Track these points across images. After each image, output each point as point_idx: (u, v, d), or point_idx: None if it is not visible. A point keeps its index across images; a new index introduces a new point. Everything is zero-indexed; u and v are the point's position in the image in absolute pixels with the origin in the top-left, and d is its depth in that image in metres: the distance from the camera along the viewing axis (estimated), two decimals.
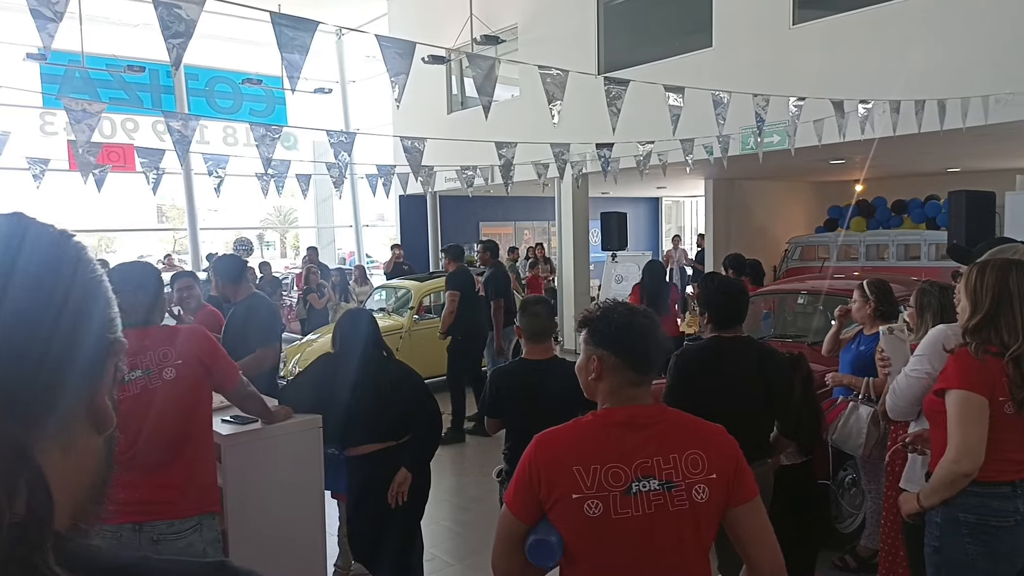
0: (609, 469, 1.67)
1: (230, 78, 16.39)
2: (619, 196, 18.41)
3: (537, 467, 1.71)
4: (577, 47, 11.42)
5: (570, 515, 1.67)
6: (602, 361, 1.78)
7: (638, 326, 1.80)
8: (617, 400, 1.78)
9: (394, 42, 2.93)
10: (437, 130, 11.51)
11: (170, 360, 2.53)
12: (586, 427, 1.76)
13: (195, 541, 2.49)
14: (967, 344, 2.34)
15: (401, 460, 3.38)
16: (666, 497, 1.68)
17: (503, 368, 3.42)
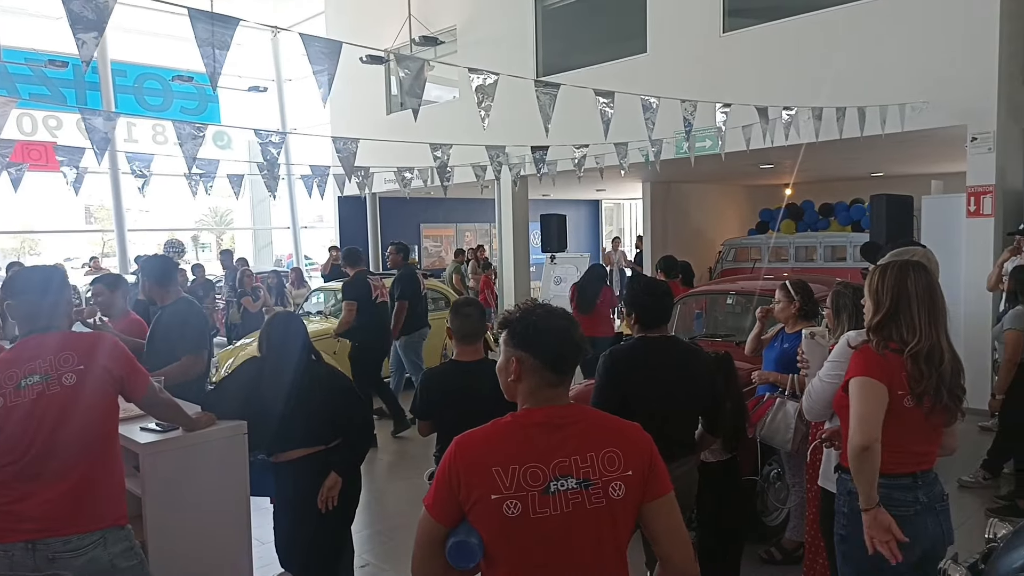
0: (527, 469, 1.68)
1: (160, 75, 15.87)
2: (559, 198, 18.58)
3: (457, 469, 1.71)
4: (515, 50, 11.47)
5: (489, 516, 1.68)
6: (521, 362, 1.79)
7: (556, 328, 1.80)
8: (535, 401, 1.79)
9: (320, 41, 2.89)
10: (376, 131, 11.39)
11: (71, 365, 2.41)
12: (505, 428, 1.77)
13: (99, 556, 2.37)
14: (869, 341, 2.46)
15: (331, 465, 3.33)
16: (583, 495, 1.70)
17: (433, 370, 3.40)
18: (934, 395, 2.35)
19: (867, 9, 7.95)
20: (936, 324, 2.41)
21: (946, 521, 2.49)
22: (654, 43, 9.90)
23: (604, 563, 1.77)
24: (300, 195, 18.27)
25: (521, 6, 11.56)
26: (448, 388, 3.24)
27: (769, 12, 8.81)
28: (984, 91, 7.14)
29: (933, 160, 11.20)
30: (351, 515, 3.55)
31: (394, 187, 8.79)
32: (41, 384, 2.36)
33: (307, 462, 3.30)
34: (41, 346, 2.42)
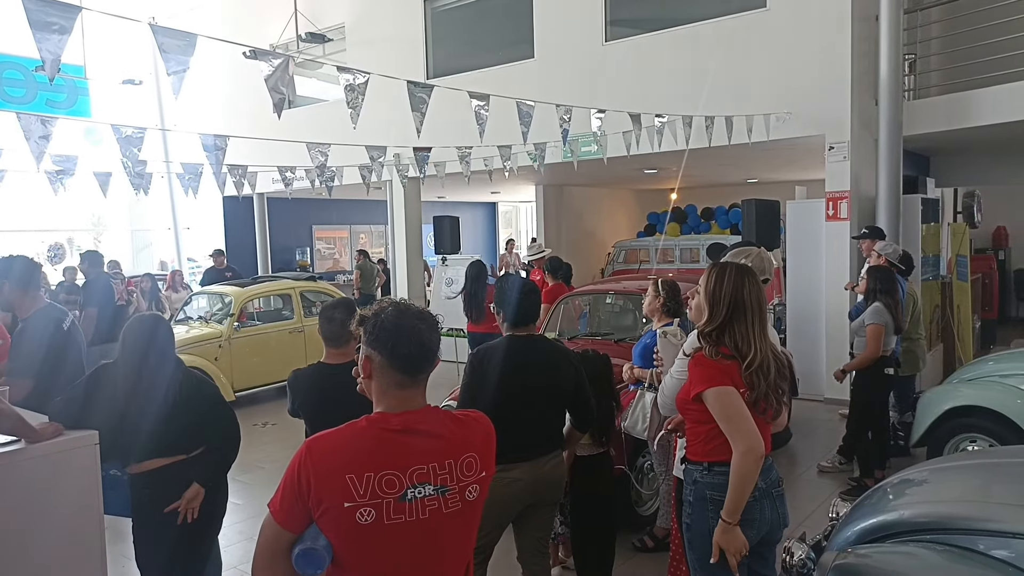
0: (383, 477, 1.66)
1: (22, 64, 14.73)
2: (455, 200, 18.60)
3: (307, 475, 1.66)
4: (406, 51, 11.41)
5: (341, 523, 1.64)
6: (371, 360, 1.77)
7: (406, 327, 1.76)
8: (388, 401, 1.76)
9: (173, 33, 2.78)
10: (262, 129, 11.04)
11: None
12: (361, 433, 1.73)
13: None
14: (703, 347, 2.54)
15: (192, 474, 3.20)
16: (440, 501, 1.71)
17: (299, 372, 3.34)
18: (764, 400, 2.49)
19: (734, 24, 8.42)
20: (764, 334, 2.53)
21: (782, 505, 2.65)
22: (541, 49, 10.10)
23: (453, 563, 1.80)
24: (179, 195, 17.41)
25: (410, 7, 11.50)
26: (311, 388, 3.20)
27: (647, 23, 9.17)
28: (839, 104, 7.71)
29: (800, 167, 11.98)
30: (217, 527, 3.43)
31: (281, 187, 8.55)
32: None
33: (166, 472, 3.16)
34: None
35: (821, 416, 7.57)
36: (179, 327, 8.71)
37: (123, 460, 3.21)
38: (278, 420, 7.90)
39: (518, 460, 3.01)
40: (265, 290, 9.52)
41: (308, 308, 9.50)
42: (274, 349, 8.99)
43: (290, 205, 14.92)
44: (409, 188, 11.76)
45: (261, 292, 9.44)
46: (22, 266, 4.08)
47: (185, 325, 8.95)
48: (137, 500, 3.23)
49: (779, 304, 8.79)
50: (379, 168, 5.53)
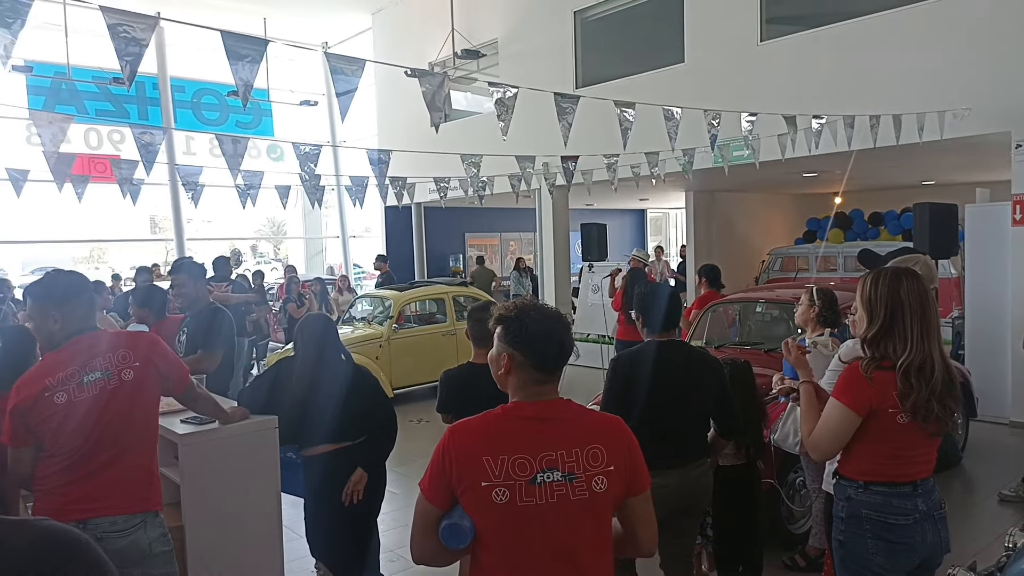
0: (516, 460, 1.79)
1: (216, 90, 16.54)
2: (603, 208, 18.61)
3: (450, 456, 1.83)
4: (555, 61, 11.63)
5: (479, 502, 1.79)
6: (511, 359, 1.91)
7: (547, 330, 1.91)
8: (525, 395, 1.91)
9: (344, 59, 3.08)
10: (421, 142, 11.68)
11: (129, 362, 2.63)
12: (496, 419, 1.89)
13: (140, 538, 2.56)
14: (862, 358, 2.44)
15: (356, 460, 3.50)
16: (568, 488, 1.80)
17: (450, 371, 3.55)
18: (924, 408, 2.33)
19: (904, 17, 7.84)
20: (929, 336, 2.38)
21: (944, 529, 2.49)
22: (691, 53, 9.93)
23: (586, 550, 1.87)
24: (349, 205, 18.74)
25: (560, 18, 11.71)
26: (461, 387, 3.38)
27: (806, 20, 8.75)
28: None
29: (983, 168, 10.90)
30: (376, 509, 3.72)
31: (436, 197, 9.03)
32: (103, 380, 2.58)
33: (334, 457, 3.48)
34: (95, 345, 2.63)
35: (1005, 440, 6.86)
36: (345, 327, 9.41)
37: (298, 444, 3.57)
38: (431, 418, 8.29)
39: (663, 466, 3.03)
40: (421, 294, 10.06)
41: (460, 312, 9.92)
42: (428, 350, 9.47)
43: (444, 214, 15.61)
44: (557, 196, 11.96)
45: (417, 296, 9.99)
46: (200, 268, 4.72)
47: (350, 326, 9.65)
48: (309, 481, 3.59)
49: (958, 317, 8.05)
50: (528, 177, 5.71)
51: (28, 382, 2.54)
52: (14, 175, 6.49)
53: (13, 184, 6.52)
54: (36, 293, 2.69)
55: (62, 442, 2.51)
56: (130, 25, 2.75)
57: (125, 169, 5.46)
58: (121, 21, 2.67)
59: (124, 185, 5.53)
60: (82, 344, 2.63)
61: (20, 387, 2.53)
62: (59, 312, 2.62)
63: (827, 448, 2.46)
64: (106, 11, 2.61)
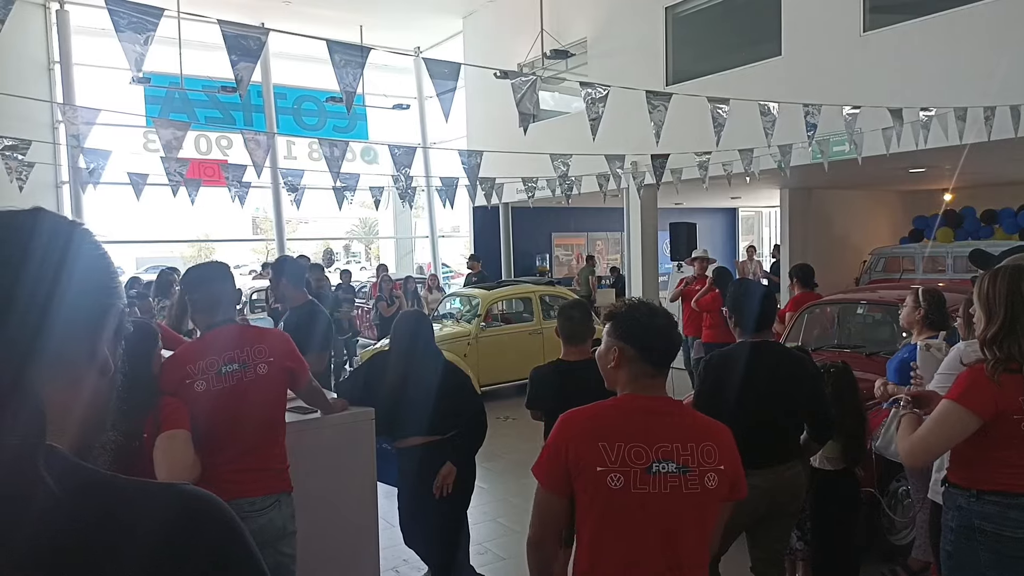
0: (632, 448, 1.84)
1: (316, 96, 17.24)
2: (692, 207, 18.23)
3: (564, 441, 1.89)
4: (645, 59, 11.49)
5: (594, 486, 1.85)
6: (623, 352, 1.97)
7: (658, 326, 1.99)
8: (635, 388, 1.97)
9: (441, 64, 3.18)
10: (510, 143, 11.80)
11: (263, 357, 2.82)
12: (610, 409, 1.96)
13: (275, 517, 2.75)
14: (985, 360, 2.31)
15: (447, 454, 3.60)
16: (681, 480, 1.85)
17: (540, 368, 3.59)
18: None
19: None
20: None
21: None
22: (789, 45, 9.60)
23: (691, 552, 1.90)
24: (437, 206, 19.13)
25: (651, 14, 11.56)
26: (550, 383, 3.42)
27: (914, 8, 8.30)
28: None
29: None
30: (466, 502, 3.81)
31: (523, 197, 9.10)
32: (240, 372, 2.77)
33: (425, 450, 3.59)
34: (232, 337, 2.82)
35: None
36: (434, 325, 9.62)
37: (391, 436, 3.70)
38: (518, 415, 8.40)
39: (751, 466, 2.97)
40: (508, 293, 10.17)
41: (547, 311, 9.96)
42: (515, 348, 9.56)
43: (531, 214, 15.69)
44: (645, 195, 11.81)
45: (505, 295, 10.10)
46: (298, 266, 4.90)
47: (439, 323, 9.87)
48: (402, 472, 3.72)
49: None
50: (618, 176, 5.69)
51: (170, 369, 2.75)
52: (135, 179, 7.01)
53: (134, 187, 7.05)
54: (184, 282, 2.90)
55: (205, 428, 2.67)
56: (244, 37, 2.93)
57: (234, 172, 5.80)
58: (236, 32, 2.85)
59: (233, 188, 5.87)
60: (220, 335, 2.81)
61: (163, 374, 2.73)
62: (200, 301, 2.81)
63: (933, 451, 2.36)
64: (223, 24, 2.79)
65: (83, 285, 0.78)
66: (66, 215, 0.84)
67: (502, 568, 4.61)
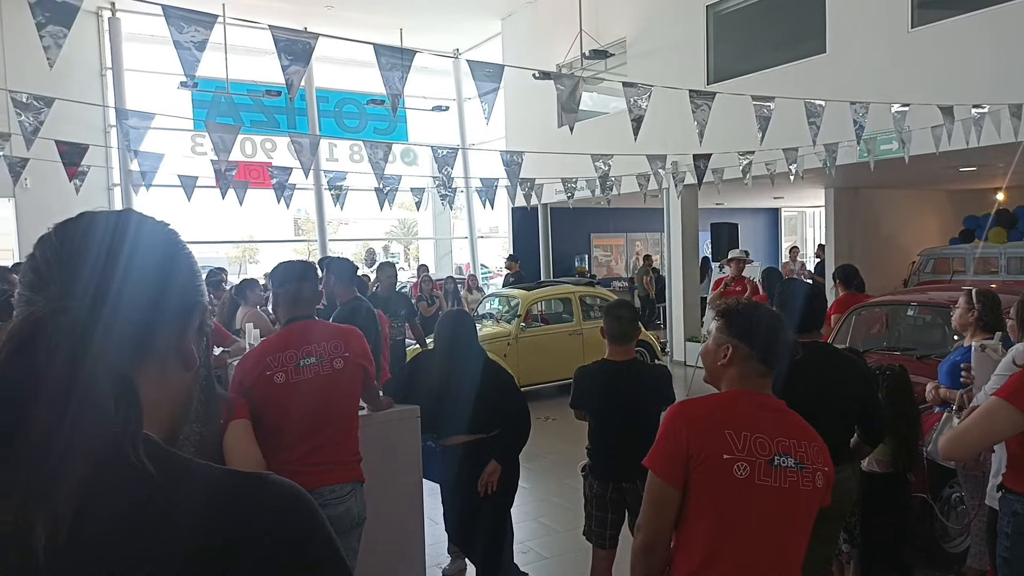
0: (757, 438, 1.84)
1: (357, 99, 17.48)
2: (734, 207, 18.00)
3: (684, 430, 1.86)
4: (686, 57, 11.40)
5: (718, 474, 1.82)
6: (736, 351, 1.97)
7: (773, 326, 2.02)
8: (745, 386, 1.97)
9: (483, 65, 3.21)
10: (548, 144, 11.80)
11: (339, 352, 2.91)
12: (731, 399, 1.96)
13: (352, 505, 2.84)
14: None
15: (490, 452, 3.62)
16: (798, 475, 1.85)
17: (585, 368, 3.59)
18: None
19: None
20: None
21: None
22: (834, 42, 9.42)
23: (794, 541, 1.90)
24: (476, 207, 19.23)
25: (692, 13, 11.47)
26: (595, 384, 3.42)
27: (964, 3, 8.08)
28: None
29: None
30: (510, 501, 3.83)
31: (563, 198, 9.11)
32: (317, 365, 2.85)
33: (469, 448, 3.62)
34: (310, 332, 2.90)
35: None
36: None
37: (436, 434, 3.74)
38: (558, 416, 8.40)
39: None
40: (548, 294, 10.17)
41: (587, 312, 9.93)
42: (555, 349, 9.56)
43: (570, 214, 15.67)
44: (686, 195, 11.71)
45: (544, 296, 10.11)
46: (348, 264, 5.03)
47: (479, 323, 9.91)
48: (446, 470, 3.75)
49: None
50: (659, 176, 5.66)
51: (249, 359, 2.84)
52: (185, 181, 7.21)
53: (184, 189, 7.25)
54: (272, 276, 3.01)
55: (285, 419, 2.76)
56: (293, 42, 3.00)
57: (279, 175, 5.93)
58: (287, 37, 2.92)
59: (279, 190, 5.99)
60: (299, 329, 2.91)
61: (242, 365, 2.82)
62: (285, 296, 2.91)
63: (972, 446, 2.32)
64: (274, 29, 2.87)
65: (174, 283, 0.83)
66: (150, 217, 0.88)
67: (544, 567, 4.62)
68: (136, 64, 14.97)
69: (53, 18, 2.43)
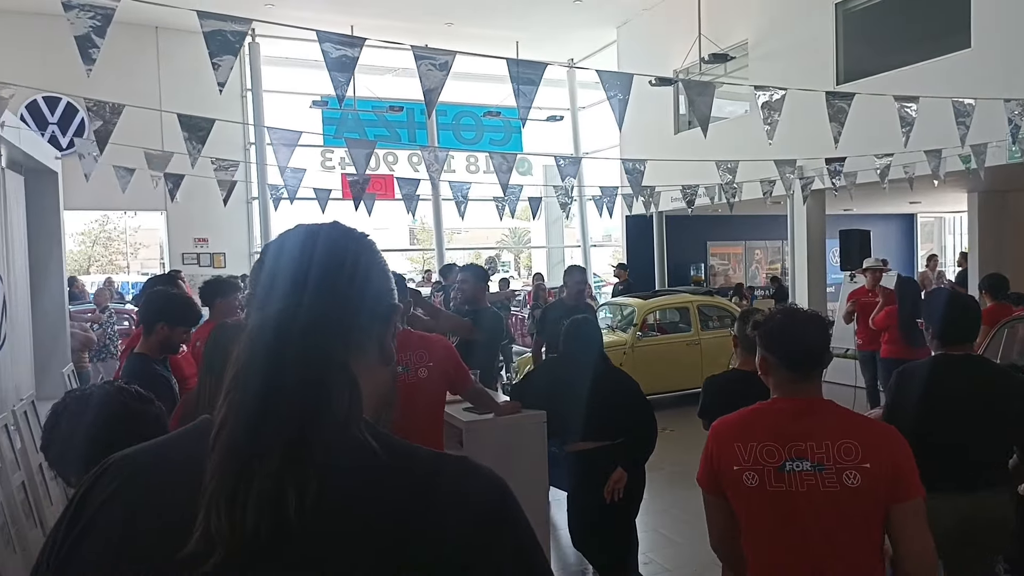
0: (763, 447, 1.90)
1: (473, 112, 17.94)
2: (864, 213, 17.06)
3: (711, 445, 2.03)
4: (812, 58, 10.96)
5: (734, 486, 1.94)
6: (766, 360, 2.03)
7: (793, 332, 2.01)
8: (781, 394, 2.01)
9: (613, 75, 3.24)
10: (664, 151, 11.65)
11: (424, 362, 3.04)
12: (751, 412, 2.04)
13: None
14: None
15: (616, 459, 3.63)
16: (817, 478, 1.85)
17: (715, 377, 3.54)
18: None
19: None
20: None
21: None
22: (980, 36, 8.77)
23: (841, 546, 1.86)
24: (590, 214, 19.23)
25: (819, 12, 11.01)
26: (726, 394, 3.35)
27: None
28: None
29: None
30: (634, 509, 3.81)
31: (680, 205, 8.97)
32: (403, 374, 2.98)
33: (594, 454, 3.64)
34: (403, 341, 3.04)
35: None
36: None
37: (561, 439, 3.79)
38: (677, 427, 8.24)
39: (937, 490, 2.76)
40: (665, 303, 10.02)
41: (705, 322, 9.70)
42: (671, 359, 9.39)
43: (686, 222, 15.38)
44: (812, 201, 11.22)
45: (661, 305, 9.96)
46: (482, 270, 5.27)
47: None
48: (571, 476, 3.79)
49: None
50: (787, 181, 5.48)
51: None
52: (320, 194, 7.67)
53: (319, 202, 7.71)
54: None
55: None
56: (433, 60, 3.15)
57: (407, 187, 6.20)
58: (427, 55, 3.08)
59: (408, 200, 6.27)
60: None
61: None
62: None
63: None
64: (416, 49, 3.03)
65: (379, 288, 0.93)
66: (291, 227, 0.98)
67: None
68: (272, 86, 16.06)
69: (223, 47, 2.69)
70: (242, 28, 2.67)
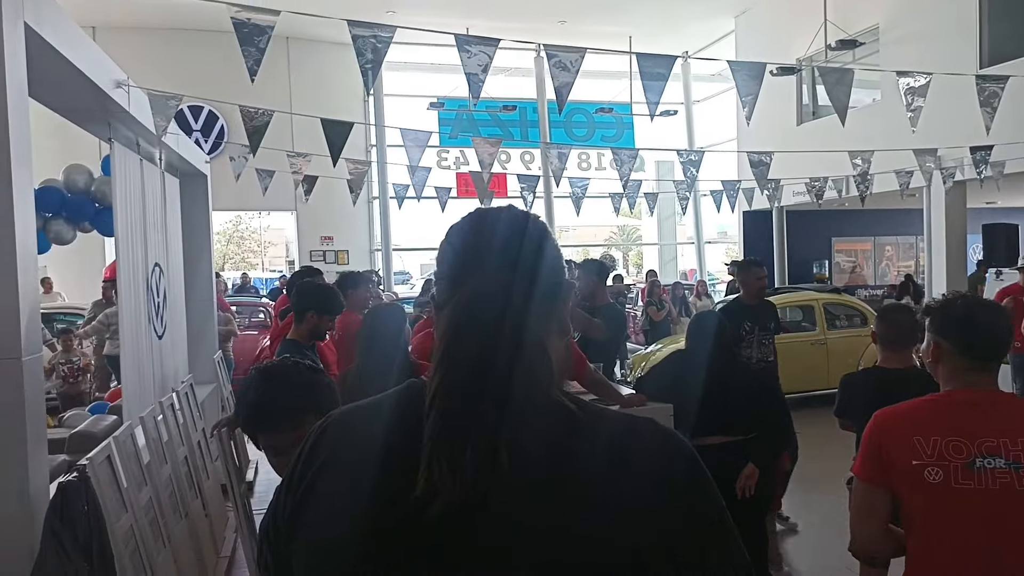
0: (949, 442, 1.78)
1: (585, 109, 17.95)
2: (1010, 206, 15.77)
3: (878, 438, 1.89)
4: (951, 41, 10.24)
5: (912, 481, 1.81)
6: (939, 347, 1.92)
7: (974, 318, 1.89)
8: (956, 385, 1.89)
9: (744, 65, 3.20)
10: (785, 142, 11.21)
11: None
12: (924, 404, 1.92)
13: None
14: None
15: (747, 455, 3.57)
16: (1013, 476, 1.73)
17: (853, 376, 3.42)
18: None
19: None
20: None
21: None
22: None
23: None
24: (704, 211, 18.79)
25: None
26: (864, 393, 3.23)
27: None
28: None
29: None
30: (765, 507, 3.74)
31: (804, 199, 8.62)
32: None
33: (725, 449, 3.60)
34: None
35: None
36: None
37: (691, 434, 3.76)
38: (802, 430, 7.93)
39: None
40: (787, 301, 9.67)
41: (831, 322, 9.30)
42: (794, 359, 9.00)
43: (810, 217, 14.75)
44: (952, 194, 10.50)
45: (783, 303, 9.62)
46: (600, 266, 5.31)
47: None
48: None
49: None
50: (927, 172, 5.18)
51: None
52: (440, 192, 7.94)
53: (439, 200, 7.98)
54: None
55: None
56: (560, 60, 3.22)
57: (527, 184, 6.32)
58: (557, 54, 3.15)
59: (524, 197, 6.39)
60: None
61: None
62: None
63: None
64: (548, 47, 3.11)
65: (558, 267, 1.00)
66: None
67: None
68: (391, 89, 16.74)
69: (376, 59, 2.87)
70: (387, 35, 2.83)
